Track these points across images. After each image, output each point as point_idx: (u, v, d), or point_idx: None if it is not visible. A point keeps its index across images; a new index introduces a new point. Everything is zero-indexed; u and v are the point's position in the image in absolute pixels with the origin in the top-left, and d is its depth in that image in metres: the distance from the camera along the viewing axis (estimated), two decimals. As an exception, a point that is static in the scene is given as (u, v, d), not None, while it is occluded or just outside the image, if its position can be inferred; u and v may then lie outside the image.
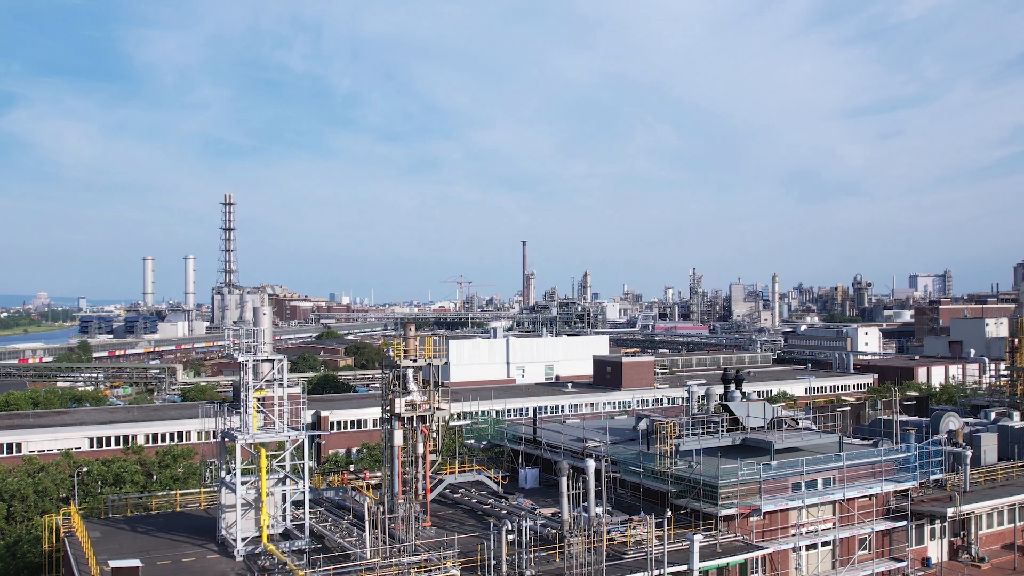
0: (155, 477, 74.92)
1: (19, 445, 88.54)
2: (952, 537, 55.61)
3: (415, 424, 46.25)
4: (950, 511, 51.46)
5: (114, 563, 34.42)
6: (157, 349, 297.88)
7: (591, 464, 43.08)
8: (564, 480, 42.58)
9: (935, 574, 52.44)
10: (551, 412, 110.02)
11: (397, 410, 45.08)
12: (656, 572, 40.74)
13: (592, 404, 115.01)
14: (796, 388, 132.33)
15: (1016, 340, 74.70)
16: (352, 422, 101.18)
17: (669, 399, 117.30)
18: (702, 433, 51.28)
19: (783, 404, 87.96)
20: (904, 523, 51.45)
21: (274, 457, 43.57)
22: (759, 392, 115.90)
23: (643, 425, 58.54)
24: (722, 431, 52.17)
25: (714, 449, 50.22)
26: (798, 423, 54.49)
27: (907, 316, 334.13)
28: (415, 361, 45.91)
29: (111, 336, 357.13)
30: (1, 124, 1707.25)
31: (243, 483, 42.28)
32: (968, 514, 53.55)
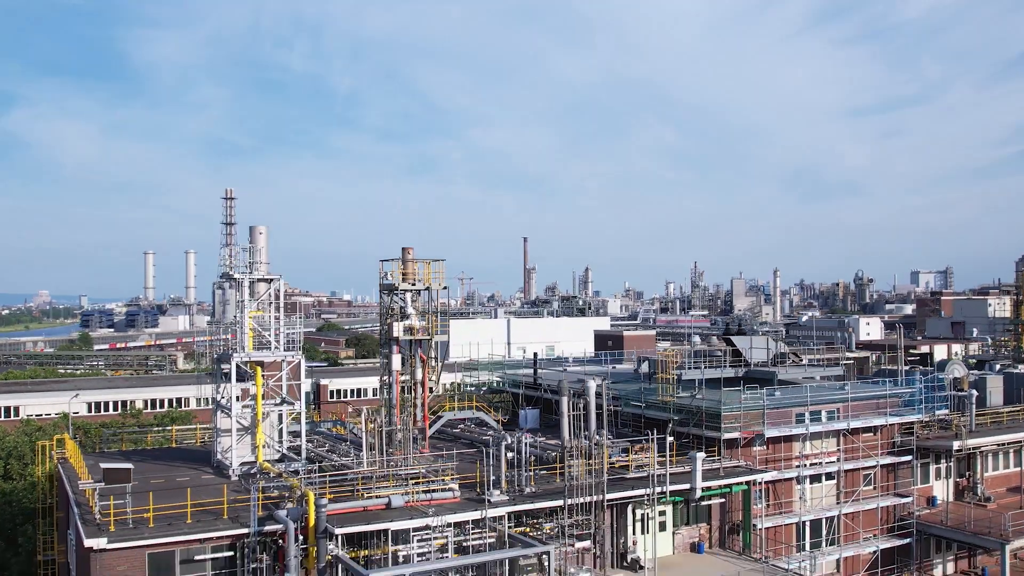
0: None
1: (16, 409, 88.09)
2: (958, 478, 54.99)
3: (413, 349, 45.70)
4: (956, 444, 50.83)
5: (105, 464, 33.85)
6: (158, 342, 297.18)
7: (592, 385, 42.39)
8: (565, 400, 41.85)
9: (941, 512, 51.79)
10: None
11: (395, 334, 44.50)
12: (658, 489, 40.16)
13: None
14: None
15: (1020, 295, 74.18)
16: (351, 391, 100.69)
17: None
18: (704, 366, 50.72)
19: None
20: (909, 458, 50.87)
21: (270, 378, 42.99)
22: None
23: (645, 368, 58.04)
24: (724, 364, 51.60)
25: (716, 380, 49.66)
26: (801, 359, 53.95)
27: (909, 310, 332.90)
28: (414, 285, 45.34)
29: (112, 330, 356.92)
30: (1, 124, 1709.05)
31: (238, 405, 41.70)
32: (974, 449, 52.93)
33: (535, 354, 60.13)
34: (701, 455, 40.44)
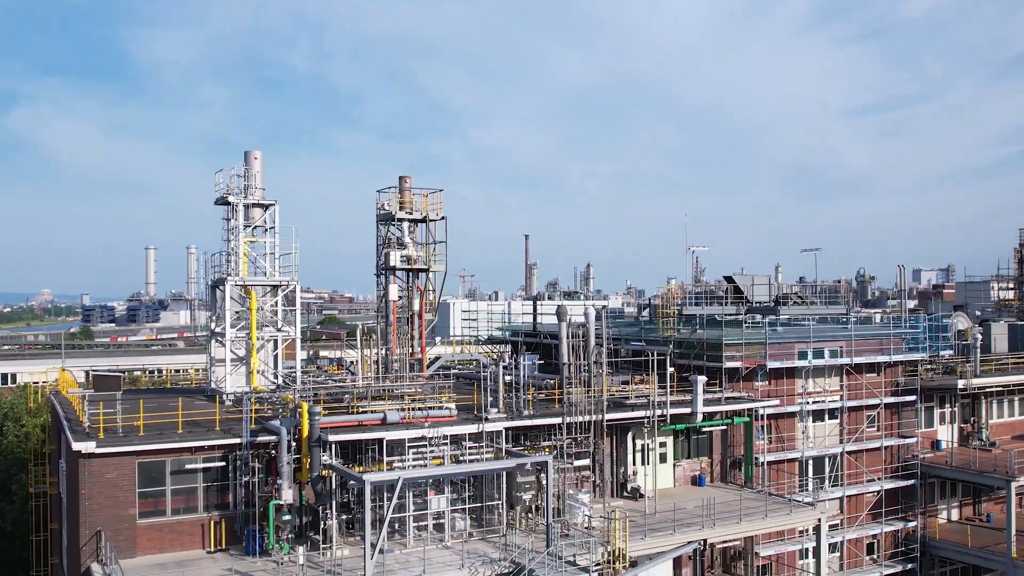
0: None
1: (13, 376, 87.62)
2: (962, 423, 54.29)
3: (410, 280, 45.11)
4: (961, 383, 50.15)
5: (95, 372, 33.26)
6: (159, 336, 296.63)
7: (591, 311, 41.75)
8: (564, 325, 41.27)
9: (946, 454, 51.11)
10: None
11: (392, 263, 43.88)
12: (659, 412, 39.54)
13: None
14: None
15: (1023, 253, 73.65)
16: (350, 363, 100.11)
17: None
18: (705, 303, 50.12)
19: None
20: (913, 398, 50.17)
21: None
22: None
23: (645, 315, 57.42)
24: (726, 301, 50.99)
25: (718, 320, 49.02)
26: (804, 300, 53.32)
27: (912, 305, 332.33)
28: (410, 214, 44.74)
29: (113, 324, 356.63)
30: (4, 123, 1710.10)
31: (233, 330, 41.08)
32: (979, 390, 52.23)
33: (534, 299, 59.44)
34: (702, 379, 39.83)
